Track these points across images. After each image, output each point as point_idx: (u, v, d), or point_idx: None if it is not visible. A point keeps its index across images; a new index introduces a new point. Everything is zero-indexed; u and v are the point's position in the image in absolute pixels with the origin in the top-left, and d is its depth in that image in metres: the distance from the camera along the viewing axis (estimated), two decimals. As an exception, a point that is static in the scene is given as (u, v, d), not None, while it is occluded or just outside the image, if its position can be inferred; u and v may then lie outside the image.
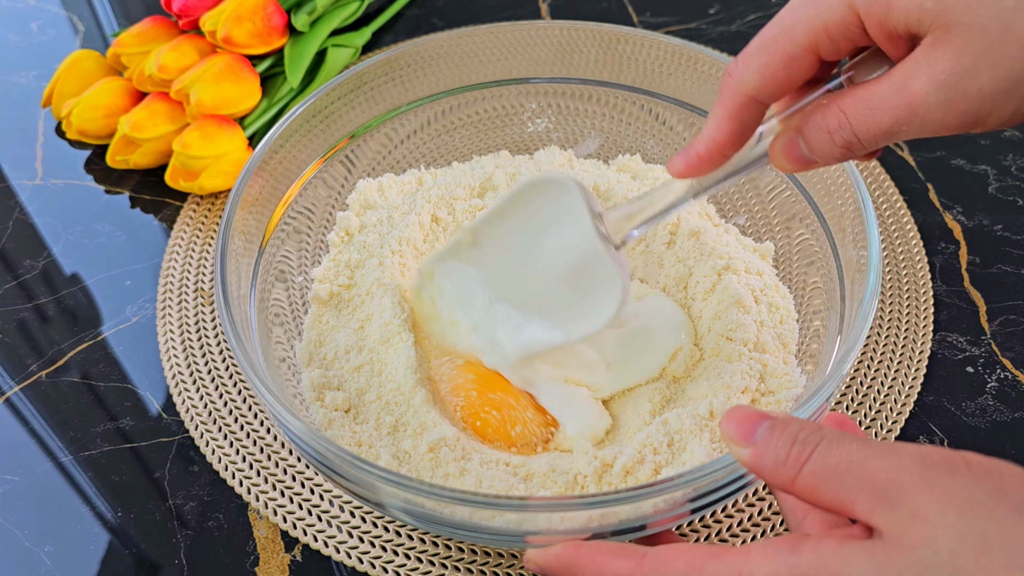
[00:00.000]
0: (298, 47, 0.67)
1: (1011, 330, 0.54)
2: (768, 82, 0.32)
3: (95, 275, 0.59)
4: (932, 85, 0.29)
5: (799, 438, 0.29)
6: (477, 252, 0.46)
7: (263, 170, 0.48)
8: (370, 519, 0.46)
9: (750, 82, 0.32)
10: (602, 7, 0.79)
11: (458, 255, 0.47)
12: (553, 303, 0.45)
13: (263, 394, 0.38)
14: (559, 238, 0.43)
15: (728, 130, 0.34)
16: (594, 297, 0.43)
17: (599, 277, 0.42)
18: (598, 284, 0.43)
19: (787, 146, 0.33)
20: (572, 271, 0.43)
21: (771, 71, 0.32)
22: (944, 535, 0.26)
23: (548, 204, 0.43)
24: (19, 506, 0.47)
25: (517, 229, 0.45)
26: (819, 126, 0.32)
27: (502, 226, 0.45)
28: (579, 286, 0.43)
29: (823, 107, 0.32)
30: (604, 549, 0.33)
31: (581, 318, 0.44)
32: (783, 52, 0.31)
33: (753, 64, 0.32)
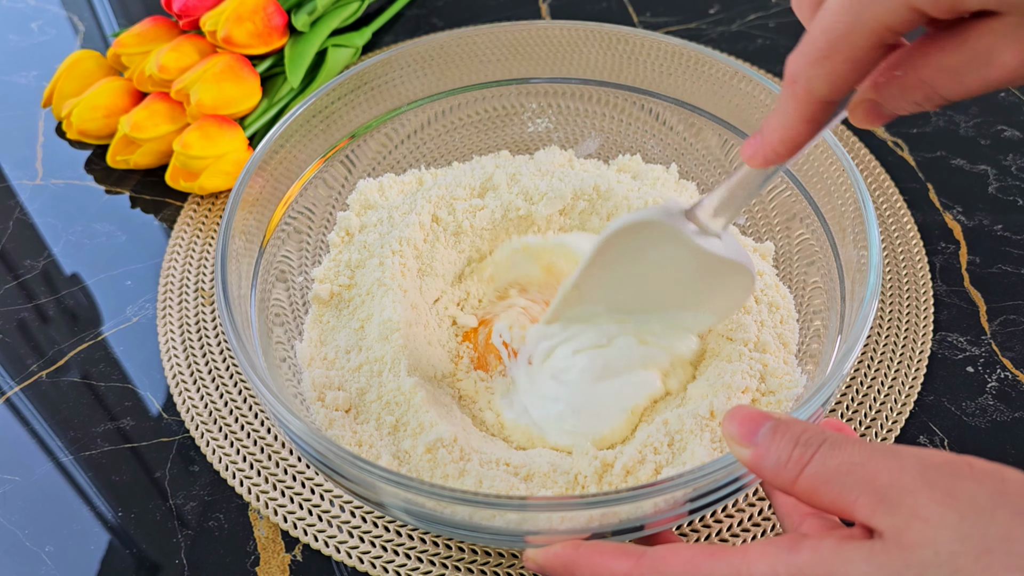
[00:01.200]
0: (298, 47, 0.67)
1: (1011, 330, 0.54)
2: (840, 86, 0.31)
3: (95, 275, 0.59)
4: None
5: (801, 440, 0.29)
6: (588, 298, 0.46)
7: (263, 170, 0.48)
8: (370, 519, 0.46)
9: (820, 90, 0.31)
10: (602, 7, 0.79)
11: (570, 306, 0.47)
12: (686, 301, 0.45)
13: (264, 394, 0.38)
14: (663, 259, 0.43)
15: (806, 131, 0.33)
16: (724, 285, 0.43)
17: (720, 270, 0.42)
18: (723, 275, 0.43)
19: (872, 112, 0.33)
20: (691, 277, 0.43)
21: (841, 77, 0.31)
22: (944, 536, 0.26)
23: (637, 240, 0.43)
24: (19, 506, 0.47)
25: (619, 270, 0.44)
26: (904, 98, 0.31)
27: (602, 274, 0.45)
28: (705, 284, 0.44)
29: (901, 79, 0.31)
30: (603, 549, 0.33)
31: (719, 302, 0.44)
32: (848, 58, 0.30)
33: (819, 72, 0.31)
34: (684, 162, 0.57)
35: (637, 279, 0.45)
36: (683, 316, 0.46)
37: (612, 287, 0.45)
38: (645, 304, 0.46)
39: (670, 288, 0.44)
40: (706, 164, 0.56)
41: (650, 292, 0.45)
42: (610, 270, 0.44)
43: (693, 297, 0.45)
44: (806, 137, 0.34)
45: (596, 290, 0.45)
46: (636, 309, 0.46)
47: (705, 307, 0.45)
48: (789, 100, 0.32)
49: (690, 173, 0.57)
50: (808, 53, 0.31)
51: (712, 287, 0.43)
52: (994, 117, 0.67)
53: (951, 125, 0.67)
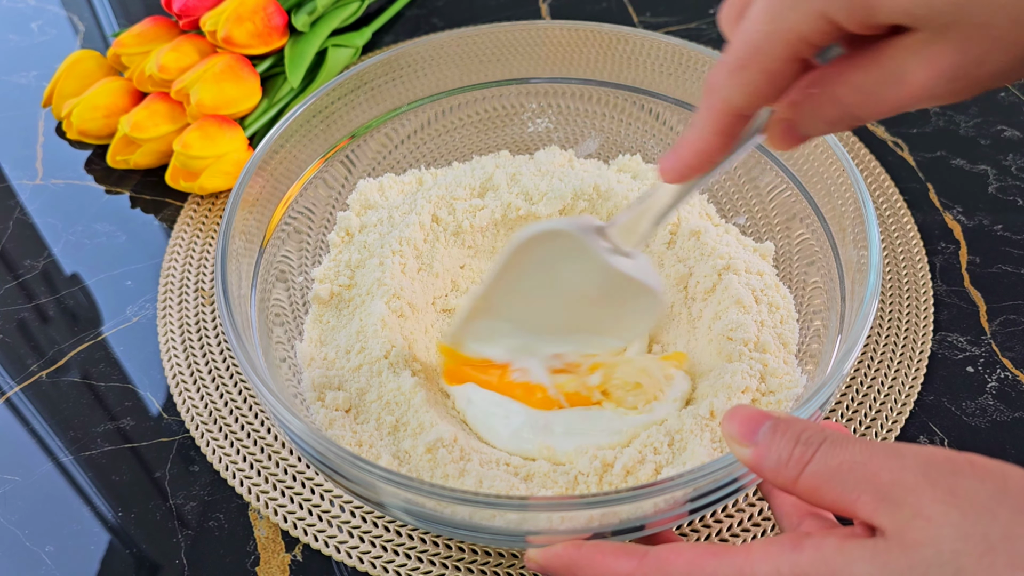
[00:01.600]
0: (298, 47, 0.67)
1: (1011, 330, 0.54)
2: (754, 98, 0.31)
3: (95, 275, 0.59)
4: (936, 79, 0.28)
5: (802, 438, 0.29)
6: (496, 311, 0.45)
7: (263, 170, 0.48)
8: (370, 519, 0.46)
9: (735, 100, 0.31)
10: (602, 7, 0.79)
11: (477, 318, 0.46)
12: (595, 322, 0.44)
13: (264, 394, 0.38)
14: (573, 274, 0.43)
15: (718, 143, 0.33)
16: (633, 306, 0.43)
17: (629, 290, 0.42)
18: (631, 296, 0.42)
19: (784, 133, 0.33)
20: (600, 295, 0.43)
21: (755, 88, 0.30)
22: (947, 535, 0.26)
23: (546, 251, 0.42)
24: (19, 506, 0.47)
25: (528, 282, 0.44)
26: (817, 117, 0.31)
27: (511, 285, 0.44)
28: (614, 303, 0.43)
29: (815, 97, 0.31)
30: (605, 549, 0.33)
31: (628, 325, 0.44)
32: (764, 69, 0.30)
33: (735, 82, 0.31)
34: (684, 162, 0.57)
35: (544, 294, 0.44)
36: (590, 340, 0.45)
37: (519, 301, 0.44)
38: (551, 326, 0.45)
39: (576, 308, 0.44)
40: (706, 164, 0.56)
41: (556, 311, 0.44)
42: (519, 282, 0.43)
43: (599, 319, 0.44)
44: (718, 151, 0.33)
45: (504, 304, 0.44)
46: (542, 330, 0.45)
47: (612, 331, 0.44)
48: (704, 111, 0.32)
49: (690, 173, 0.57)
50: (726, 63, 0.31)
51: (619, 308, 0.43)
52: (994, 117, 0.67)
53: (951, 125, 0.67)
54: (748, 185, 0.54)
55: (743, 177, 0.55)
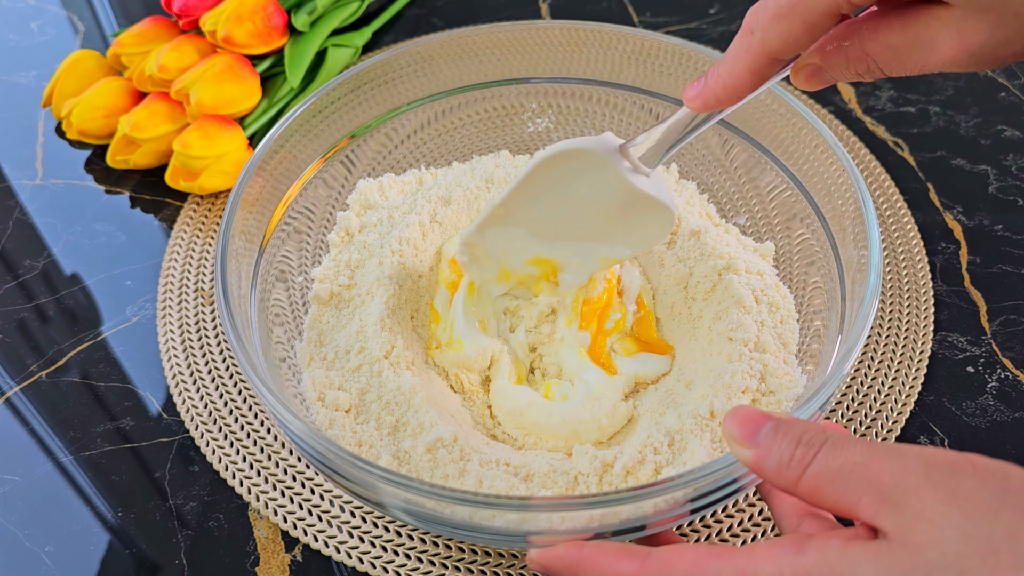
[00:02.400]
0: (298, 47, 0.67)
1: (1011, 330, 0.54)
2: (791, 46, 0.33)
3: (95, 275, 0.59)
4: (963, 53, 0.30)
5: (803, 440, 0.29)
6: (513, 218, 0.47)
7: (263, 170, 0.48)
8: (370, 519, 0.46)
9: (773, 44, 0.33)
10: (602, 7, 0.79)
11: (495, 223, 0.47)
12: (607, 232, 0.46)
13: (264, 394, 0.38)
14: (591, 188, 0.45)
15: (748, 81, 0.35)
16: (646, 222, 0.45)
17: (644, 206, 0.44)
18: (646, 212, 0.44)
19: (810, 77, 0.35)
20: (615, 210, 0.45)
21: (794, 37, 0.32)
22: (950, 536, 0.26)
23: (570, 167, 0.44)
24: (19, 506, 0.47)
25: (547, 194, 0.46)
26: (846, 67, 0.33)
27: (530, 195, 0.46)
28: (628, 218, 0.45)
29: (847, 49, 0.33)
30: (607, 549, 0.33)
31: (640, 236, 0.46)
32: (804, 21, 0.32)
33: (776, 28, 0.33)
34: (684, 162, 0.57)
35: (563, 206, 0.46)
36: (601, 247, 0.47)
37: (537, 211, 0.46)
38: (566, 233, 0.47)
39: (593, 219, 0.46)
40: (706, 164, 0.56)
41: (573, 221, 0.46)
42: (538, 193, 0.46)
43: (613, 230, 0.46)
44: (748, 88, 0.36)
45: (521, 211, 0.47)
46: (557, 237, 0.48)
47: (624, 240, 0.47)
48: (741, 50, 0.34)
49: (690, 173, 0.57)
50: (769, 8, 0.33)
51: (634, 222, 0.45)
52: (994, 117, 0.67)
53: (951, 125, 0.67)
54: (748, 185, 0.54)
55: (743, 177, 0.55)
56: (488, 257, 0.49)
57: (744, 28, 0.34)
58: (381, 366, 0.46)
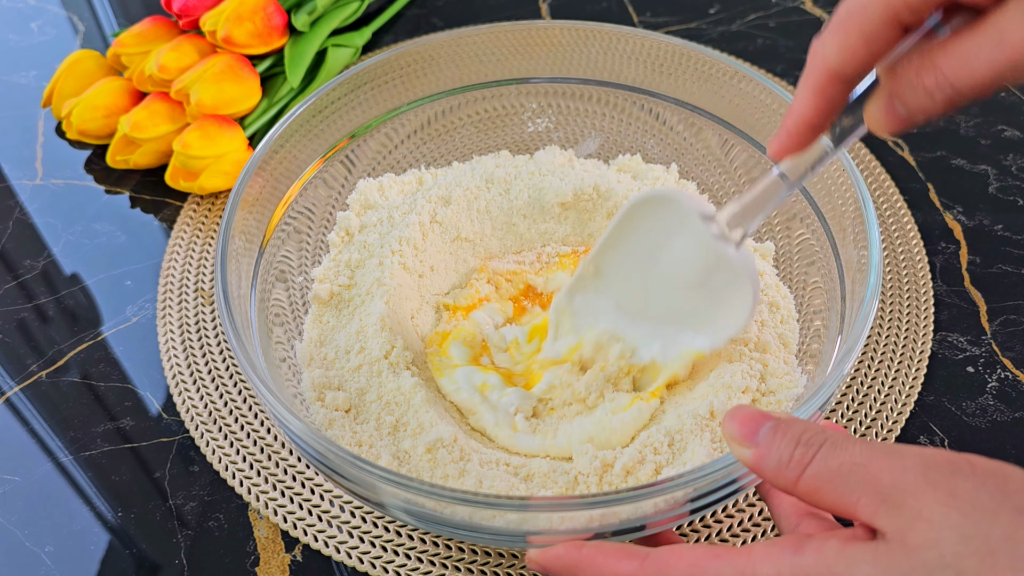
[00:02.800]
0: (298, 47, 0.67)
1: (1011, 330, 0.54)
2: (850, 59, 0.31)
3: (95, 275, 0.59)
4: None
5: (802, 440, 0.29)
6: (602, 281, 0.46)
7: (263, 170, 0.48)
8: (370, 519, 0.46)
9: (832, 60, 0.32)
10: (602, 7, 0.79)
11: (585, 287, 0.46)
12: (688, 313, 0.44)
13: (263, 394, 0.38)
14: (678, 250, 0.43)
15: (814, 105, 0.33)
16: (727, 299, 0.42)
17: (726, 279, 0.42)
18: (727, 286, 0.42)
19: (885, 109, 0.32)
20: (698, 280, 0.43)
21: (852, 49, 0.31)
22: (948, 537, 0.26)
23: (659, 219, 0.43)
24: (19, 506, 0.47)
25: (635, 249, 0.45)
26: (915, 86, 0.30)
27: (620, 249, 0.45)
28: (709, 292, 0.43)
29: (916, 65, 0.30)
30: (606, 550, 0.33)
31: (719, 321, 0.43)
32: (861, 30, 0.30)
33: (833, 42, 0.31)
34: (684, 162, 0.57)
35: (648, 266, 0.44)
36: (683, 335, 0.45)
37: (624, 270, 0.45)
38: (651, 311, 0.45)
39: (675, 290, 0.44)
40: (706, 164, 0.56)
41: (658, 289, 0.45)
42: (626, 247, 0.44)
43: (693, 309, 0.44)
44: (817, 114, 0.33)
45: (611, 269, 0.45)
46: (641, 314, 0.46)
47: (704, 325, 0.44)
48: (804, 74, 0.33)
49: (690, 173, 0.57)
50: (829, 24, 0.31)
51: (714, 299, 0.43)
52: (994, 117, 0.67)
53: (951, 125, 0.67)
54: (748, 185, 0.54)
55: (743, 177, 0.55)
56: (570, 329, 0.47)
57: (808, 56, 0.33)
58: (381, 366, 0.46)
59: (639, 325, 0.46)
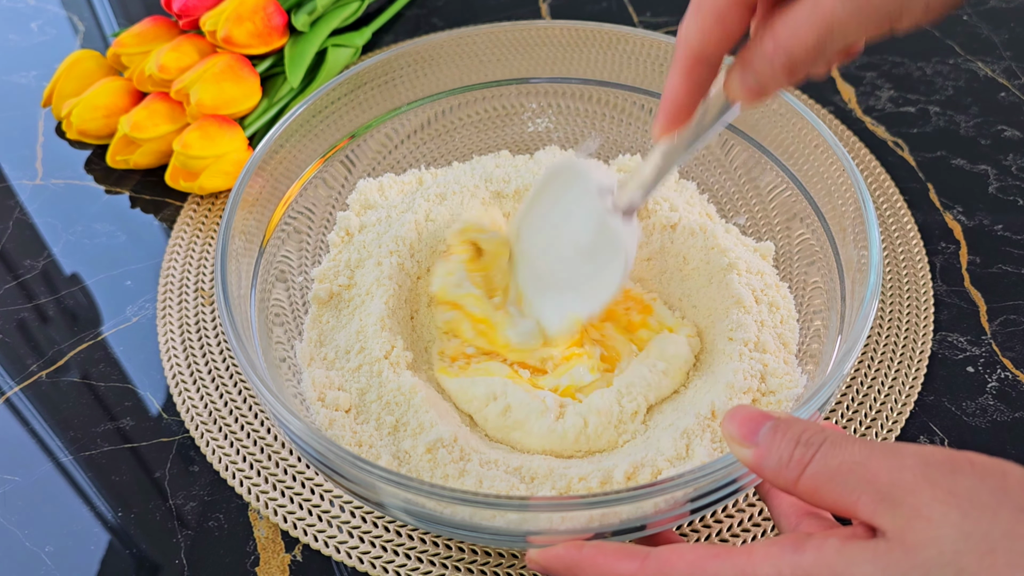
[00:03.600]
0: (298, 47, 0.67)
1: (1011, 330, 0.54)
2: (708, 39, 0.33)
3: (95, 275, 0.59)
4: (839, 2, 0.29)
5: (802, 439, 0.29)
6: (520, 246, 0.50)
7: (263, 170, 0.48)
8: (370, 519, 0.46)
9: (692, 42, 0.34)
10: (602, 7, 0.79)
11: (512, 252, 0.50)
12: (580, 280, 0.47)
13: (264, 394, 0.38)
14: (578, 219, 0.46)
15: (683, 87, 0.35)
16: (607, 267, 0.46)
17: (609, 249, 0.45)
18: (609, 255, 0.45)
19: (739, 78, 0.34)
20: (590, 248, 0.46)
21: (707, 28, 0.33)
22: (948, 535, 0.26)
23: (568, 189, 0.46)
24: (19, 506, 0.47)
25: (545, 216, 0.48)
26: (759, 53, 0.33)
27: (535, 214, 0.49)
28: (596, 260, 0.46)
29: (760, 34, 0.33)
30: (607, 549, 0.33)
31: (599, 288, 0.46)
32: (712, 10, 0.32)
33: (692, 24, 0.33)
34: (684, 162, 0.57)
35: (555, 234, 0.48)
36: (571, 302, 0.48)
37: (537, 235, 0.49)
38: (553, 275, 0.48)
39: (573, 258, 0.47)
40: (706, 164, 0.56)
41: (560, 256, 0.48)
42: (541, 211, 0.48)
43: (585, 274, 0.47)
44: (686, 95, 0.36)
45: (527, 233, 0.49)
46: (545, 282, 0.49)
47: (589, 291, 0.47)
48: (673, 58, 0.35)
49: (690, 173, 0.57)
50: (688, 8, 0.34)
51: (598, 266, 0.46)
52: (994, 117, 0.67)
53: (951, 125, 0.67)
54: (748, 185, 0.54)
55: (743, 177, 0.55)
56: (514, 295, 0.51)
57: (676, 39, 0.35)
58: (381, 366, 0.46)
59: (544, 295, 0.49)
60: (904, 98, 0.69)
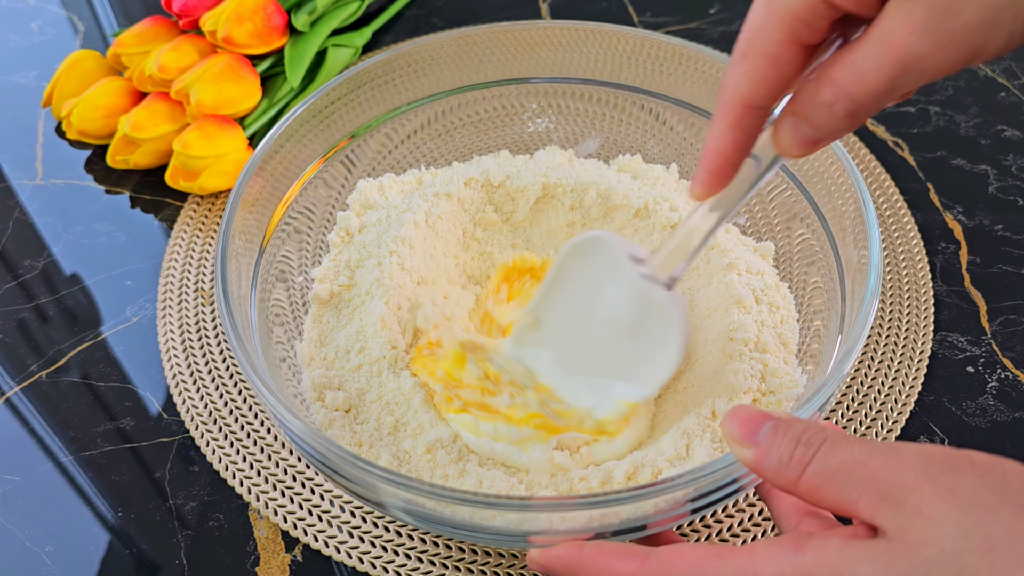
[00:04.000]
0: (298, 47, 0.67)
1: (1011, 330, 0.54)
2: (760, 86, 0.31)
3: (95, 275, 0.59)
4: (914, 35, 0.27)
5: (802, 439, 0.29)
6: (542, 333, 0.46)
7: (263, 170, 0.48)
8: (370, 519, 0.46)
9: (742, 90, 0.31)
10: (602, 7, 0.79)
11: (527, 339, 0.47)
12: (622, 361, 0.44)
13: (264, 394, 0.38)
14: (610, 294, 0.43)
15: (732, 140, 0.32)
16: (657, 343, 0.42)
17: (656, 322, 0.42)
18: (657, 329, 0.42)
19: (792, 131, 0.31)
20: (630, 324, 0.43)
21: (760, 75, 0.30)
22: (948, 534, 0.26)
23: (593, 264, 0.43)
24: (19, 506, 0.47)
25: (572, 297, 0.45)
26: (815, 103, 0.30)
27: (557, 297, 0.45)
28: (641, 337, 0.43)
29: (814, 82, 0.30)
30: (607, 550, 0.33)
31: (651, 368, 0.43)
32: (764, 53, 0.30)
33: (740, 71, 0.31)
34: (684, 162, 0.57)
35: (585, 314, 0.44)
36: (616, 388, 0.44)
37: (562, 318, 0.45)
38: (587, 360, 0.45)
39: (610, 338, 0.44)
40: (706, 164, 0.56)
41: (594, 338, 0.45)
42: (563, 295, 0.45)
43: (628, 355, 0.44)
44: (734, 147, 0.32)
45: (549, 318, 0.46)
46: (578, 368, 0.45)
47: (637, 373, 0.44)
48: (716, 107, 0.32)
49: (690, 173, 0.57)
50: (732, 56, 0.31)
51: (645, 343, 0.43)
52: (994, 117, 0.67)
53: (951, 125, 0.67)
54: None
55: (743, 177, 0.54)
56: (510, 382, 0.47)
57: (718, 90, 0.32)
58: (381, 366, 0.46)
59: (575, 381, 0.45)
60: (904, 98, 0.69)
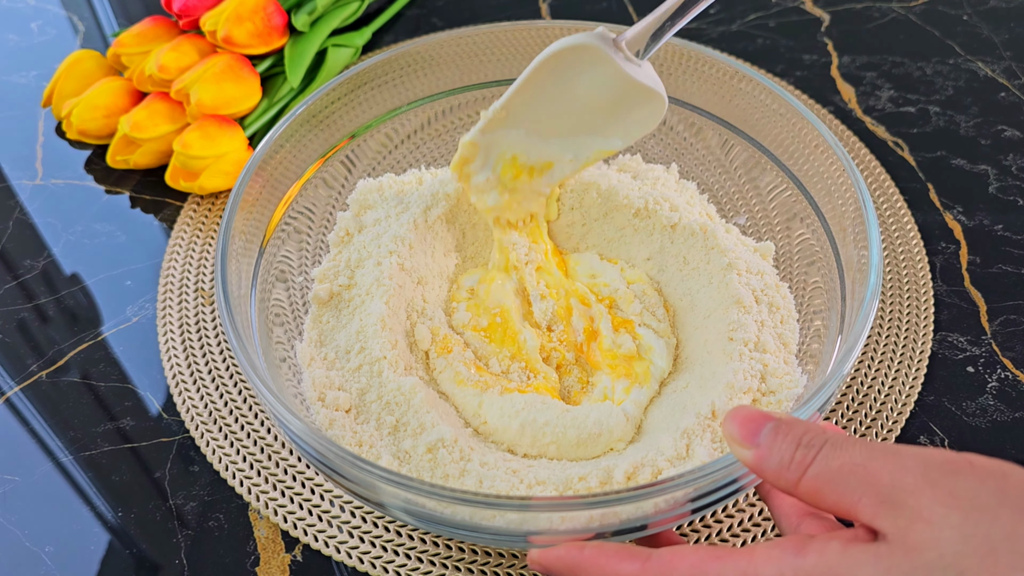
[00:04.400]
0: (298, 47, 0.67)
1: (1011, 330, 0.54)
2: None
3: (95, 275, 0.59)
4: None
5: (803, 441, 0.29)
6: (511, 118, 0.48)
7: (263, 170, 0.48)
8: (371, 519, 0.46)
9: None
10: (602, 7, 0.79)
11: (494, 127, 0.48)
12: (598, 125, 0.48)
13: (264, 394, 0.38)
14: (590, 85, 0.46)
15: None
16: (637, 109, 0.46)
17: (638, 96, 0.45)
18: (638, 101, 0.46)
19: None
20: (611, 103, 0.46)
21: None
22: (948, 537, 0.26)
23: (568, 64, 0.45)
24: (19, 506, 0.47)
25: (548, 94, 0.47)
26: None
27: (532, 96, 0.47)
28: (621, 109, 0.46)
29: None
30: (608, 550, 0.33)
31: (630, 126, 0.47)
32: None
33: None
34: (684, 162, 0.57)
35: (561, 103, 0.47)
36: (595, 140, 0.48)
37: (536, 111, 0.48)
38: (562, 128, 0.48)
39: (588, 114, 0.47)
40: (706, 164, 0.56)
41: (569, 117, 0.47)
42: (539, 93, 0.47)
43: (606, 123, 0.47)
44: None
45: (521, 113, 0.48)
46: (552, 133, 0.48)
47: (616, 132, 0.48)
48: None
49: (690, 173, 0.57)
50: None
51: (626, 113, 0.47)
52: (994, 117, 0.67)
53: (951, 125, 0.67)
54: (748, 185, 0.54)
55: (743, 177, 0.55)
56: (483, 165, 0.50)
57: None
58: (381, 366, 0.46)
59: (550, 142, 0.49)
60: (904, 98, 0.69)
